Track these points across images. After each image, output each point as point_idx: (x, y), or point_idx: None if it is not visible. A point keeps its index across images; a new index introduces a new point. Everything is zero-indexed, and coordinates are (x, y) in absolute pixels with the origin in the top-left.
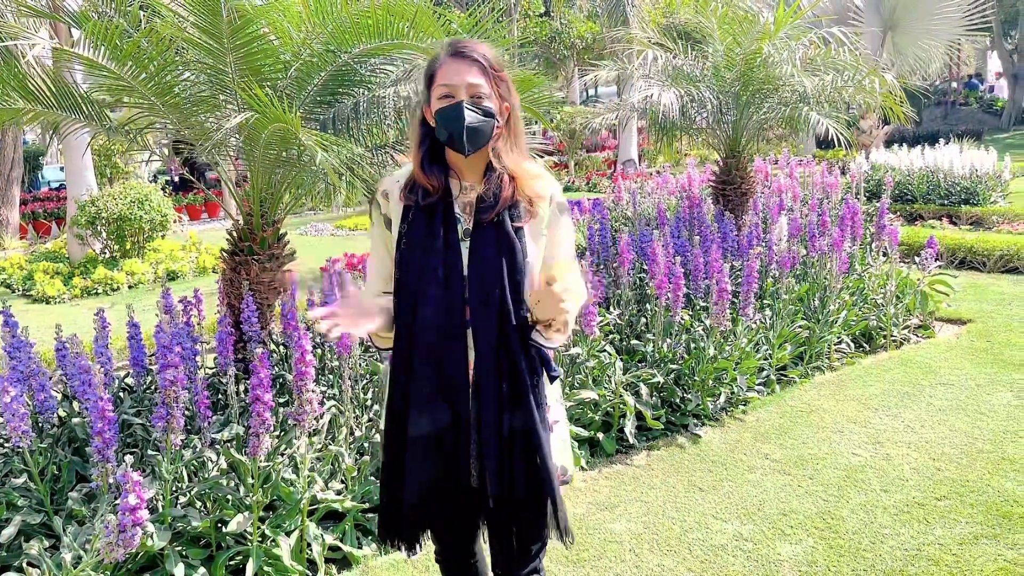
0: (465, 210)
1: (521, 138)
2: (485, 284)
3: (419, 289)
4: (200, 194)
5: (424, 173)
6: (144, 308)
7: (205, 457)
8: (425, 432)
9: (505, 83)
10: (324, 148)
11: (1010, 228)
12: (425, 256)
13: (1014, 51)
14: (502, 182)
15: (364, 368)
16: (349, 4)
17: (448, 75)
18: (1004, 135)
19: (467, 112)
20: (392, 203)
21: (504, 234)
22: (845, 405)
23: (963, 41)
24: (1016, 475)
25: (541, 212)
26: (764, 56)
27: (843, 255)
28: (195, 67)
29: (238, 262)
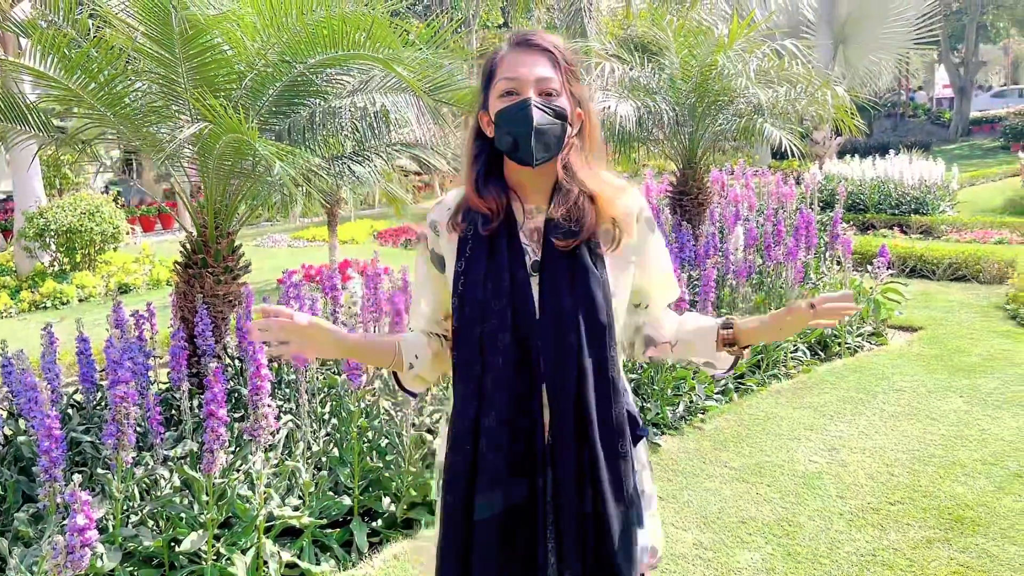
0: (532, 238)
1: (599, 149)
2: (559, 329)
3: (485, 338)
4: (154, 205)
5: (479, 195)
6: (95, 322)
7: (157, 474)
8: (498, 512)
9: (579, 82)
10: (281, 158)
11: (958, 237)
12: (489, 298)
13: (960, 64)
14: (581, 205)
15: (321, 382)
16: (304, 15)
17: (511, 67)
18: (951, 146)
19: (535, 110)
20: (443, 238)
21: (581, 267)
22: (802, 412)
23: (911, 55)
24: (966, 479)
25: (628, 235)
26: (719, 68)
27: (798, 264)
28: (147, 77)
29: (192, 275)
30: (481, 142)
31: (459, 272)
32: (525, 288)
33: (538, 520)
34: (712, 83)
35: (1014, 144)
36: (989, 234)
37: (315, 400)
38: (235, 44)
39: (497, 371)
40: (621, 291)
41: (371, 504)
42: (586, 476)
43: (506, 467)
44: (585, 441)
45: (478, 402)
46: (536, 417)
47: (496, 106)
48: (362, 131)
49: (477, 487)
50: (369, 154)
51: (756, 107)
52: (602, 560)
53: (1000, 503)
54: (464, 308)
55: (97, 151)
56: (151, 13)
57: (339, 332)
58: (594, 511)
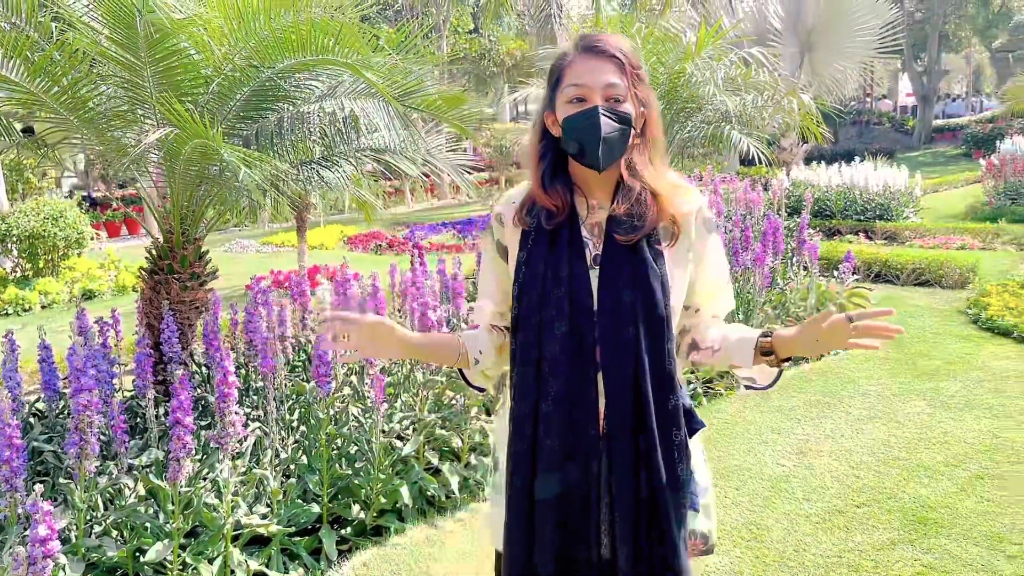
0: (593, 232)
1: (660, 147)
2: (618, 321)
3: (543, 326)
4: (119, 210)
5: (546, 192)
6: (58, 329)
7: (122, 484)
8: (555, 493)
9: (644, 83)
10: (248, 164)
11: (921, 243)
12: (549, 288)
13: (924, 73)
14: (644, 201)
15: (290, 389)
16: (272, 19)
17: (580, 74)
18: (915, 153)
19: (603, 119)
20: (508, 229)
21: (641, 261)
22: (769, 416)
23: (876, 63)
24: (930, 481)
25: (685, 233)
26: (687, 76)
27: (765, 269)
28: (112, 81)
29: (158, 281)
30: (547, 140)
31: (521, 262)
32: (584, 280)
33: (592, 502)
34: (680, 90)
35: (975, 151)
36: (951, 240)
37: (283, 407)
38: (202, 48)
39: (554, 359)
40: (678, 287)
41: (340, 511)
42: (641, 464)
43: (561, 452)
44: (641, 431)
45: (537, 387)
46: (591, 406)
47: (565, 111)
48: (331, 136)
49: (537, 469)
50: (338, 159)
51: (724, 114)
52: (654, 543)
53: (962, 504)
54: (524, 296)
55: (60, 155)
56: (116, 17)
57: (404, 331)
58: (649, 497)
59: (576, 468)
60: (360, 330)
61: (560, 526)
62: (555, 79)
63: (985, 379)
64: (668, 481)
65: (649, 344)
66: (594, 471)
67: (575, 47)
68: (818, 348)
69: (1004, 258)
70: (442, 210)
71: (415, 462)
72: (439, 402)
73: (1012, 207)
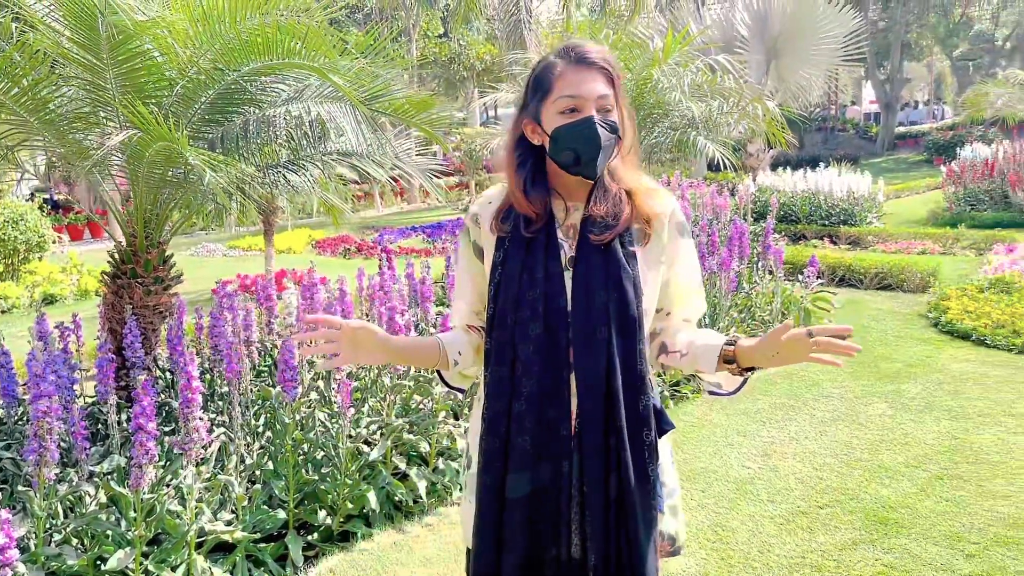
0: (568, 234)
1: (635, 151)
2: (589, 321)
3: (518, 326)
4: (82, 213)
5: (527, 199)
6: (18, 335)
7: (82, 491)
8: (525, 492)
9: (624, 92)
10: (213, 168)
11: (884, 248)
12: (524, 289)
13: (887, 81)
14: (619, 201)
15: (255, 393)
16: (238, 22)
17: (573, 85)
18: (878, 159)
19: (600, 129)
20: (484, 230)
21: (614, 262)
22: (735, 419)
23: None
24: (891, 482)
25: (657, 234)
26: (654, 82)
27: (732, 274)
28: (74, 83)
29: (120, 285)
30: (524, 148)
31: (497, 263)
32: (558, 281)
33: (562, 501)
34: (647, 96)
35: (936, 158)
36: (913, 244)
37: (249, 412)
38: (166, 51)
39: (527, 359)
40: (651, 289)
41: (306, 517)
42: (612, 464)
43: (533, 451)
44: (612, 431)
45: (511, 387)
46: (563, 406)
47: (556, 121)
48: (297, 140)
49: (509, 467)
50: (305, 163)
51: (690, 121)
52: (624, 543)
53: (922, 504)
54: (499, 296)
55: (20, 158)
56: (77, 18)
57: (385, 335)
58: (618, 497)
59: (547, 467)
60: (342, 335)
61: (529, 525)
62: (542, 90)
63: (945, 381)
64: (638, 481)
65: (621, 345)
66: (565, 471)
67: (563, 58)
68: (778, 360)
69: (963, 263)
70: (412, 214)
71: (382, 467)
72: (407, 406)
73: (971, 213)
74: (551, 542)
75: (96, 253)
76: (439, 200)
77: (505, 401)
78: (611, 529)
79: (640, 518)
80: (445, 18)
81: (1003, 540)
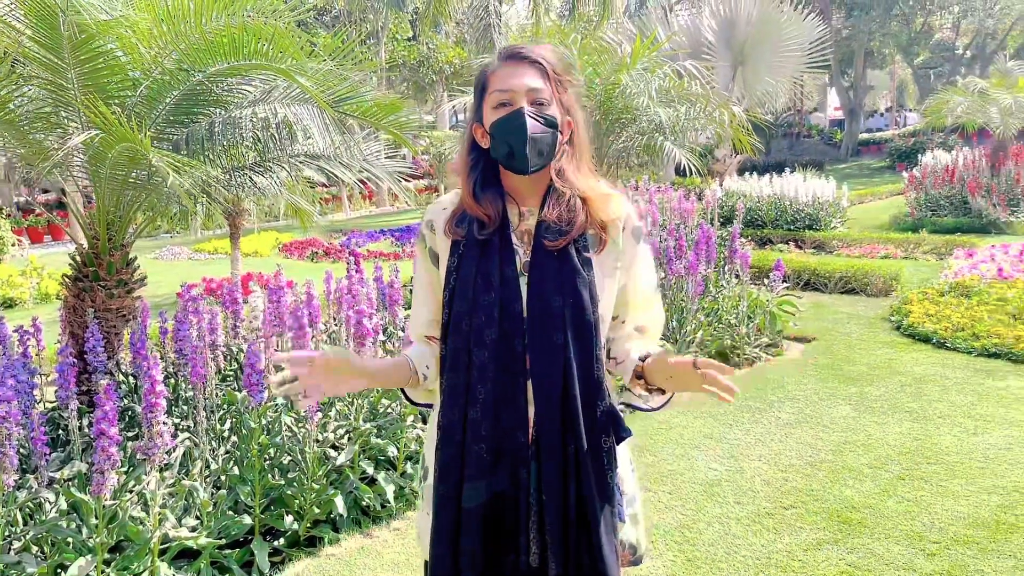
0: (523, 239)
1: (588, 155)
2: (545, 327)
3: (473, 333)
4: (43, 215)
5: (477, 202)
6: None
7: (42, 497)
8: (482, 501)
9: (568, 91)
10: (177, 170)
11: (848, 252)
12: (479, 294)
13: (850, 88)
14: (573, 207)
15: (221, 398)
16: (204, 22)
17: (504, 79)
18: (843, 165)
19: (529, 120)
20: (439, 236)
21: (569, 267)
22: (703, 421)
23: (805, 78)
24: (855, 483)
25: (613, 240)
26: (622, 87)
27: (698, 278)
28: (35, 83)
29: (82, 288)
30: (476, 153)
31: (451, 268)
32: (514, 287)
33: (521, 510)
34: (616, 101)
35: (899, 164)
36: (876, 249)
37: (214, 417)
38: (130, 51)
39: (483, 365)
40: (607, 295)
41: (273, 523)
42: (570, 471)
43: (490, 458)
44: (570, 437)
45: (466, 395)
46: (520, 412)
47: (491, 117)
48: (264, 142)
49: (465, 475)
50: (272, 165)
51: (658, 125)
52: (584, 551)
53: (885, 505)
54: (454, 302)
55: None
56: (39, 17)
57: (360, 360)
58: (577, 504)
59: (505, 475)
60: (317, 368)
61: (487, 534)
62: (480, 90)
63: (907, 384)
64: (597, 488)
65: (578, 350)
66: (523, 478)
67: (498, 57)
68: (673, 384)
69: (925, 267)
70: (380, 217)
71: (350, 471)
72: (374, 411)
73: (932, 218)
74: (510, 551)
75: (57, 256)
76: (408, 203)
77: (460, 408)
78: (571, 537)
79: (601, 526)
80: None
81: (963, 539)
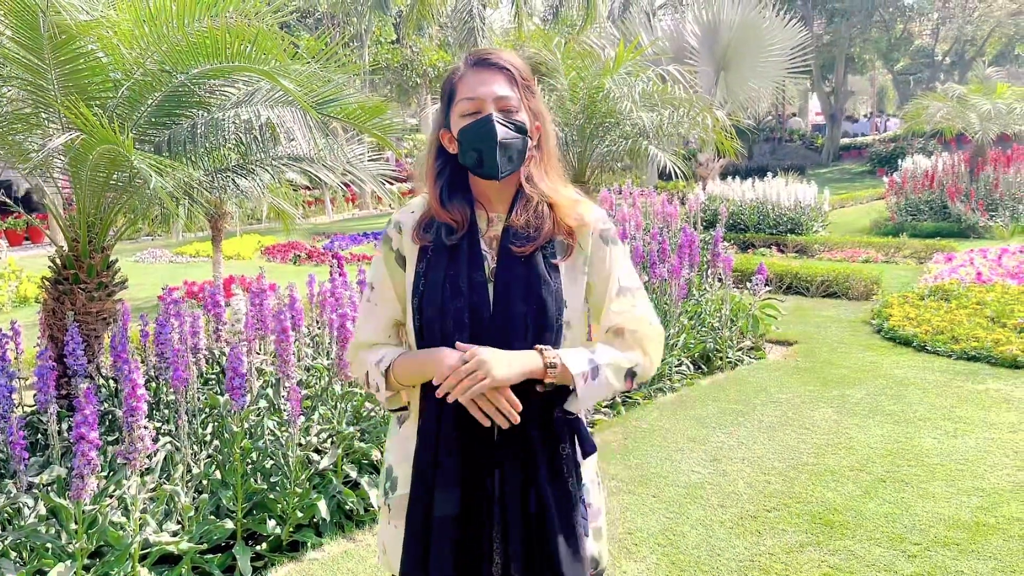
0: (491, 245)
1: (556, 161)
2: (508, 333)
3: (445, 337)
4: (21, 218)
5: (445, 208)
6: None
7: (21, 503)
8: (451, 513)
9: (536, 97)
10: (159, 172)
11: (829, 256)
12: (447, 299)
13: (831, 93)
14: (541, 213)
15: (203, 402)
16: (186, 24)
17: (472, 87)
18: (824, 170)
19: (498, 126)
20: (406, 238)
21: (534, 273)
22: (686, 424)
23: (787, 83)
24: (836, 485)
25: (581, 246)
26: (606, 91)
27: (682, 281)
28: (15, 83)
29: (62, 291)
30: (443, 158)
31: (420, 272)
32: (482, 292)
33: (485, 518)
34: (599, 105)
35: (879, 169)
36: (857, 253)
37: (196, 421)
38: (111, 52)
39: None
40: (574, 301)
41: (255, 527)
42: (529, 479)
43: (460, 466)
44: (531, 444)
45: (438, 403)
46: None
47: (459, 124)
48: (247, 144)
49: (436, 485)
50: (255, 168)
51: (641, 130)
52: (545, 561)
53: (866, 507)
54: (424, 308)
55: None
56: (18, 17)
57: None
58: (537, 513)
59: (474, 483)
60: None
61: (456, 543)
62: (448, 96)
63: (888, 386)
64: (556, 497)
65: None
66: (488, 485)
67: (465, 63)
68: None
69: (905, 271)
70: (364, 220)
71: (333, 476)
72: (358, 414)
73: (912, 222)
74: (476, 560)
75: (36, 259)
76: (391, 206)
77: (434, 417)
78: (532, 546)
79: (560, 538)
80: (398, 24)
81: (943, 541)
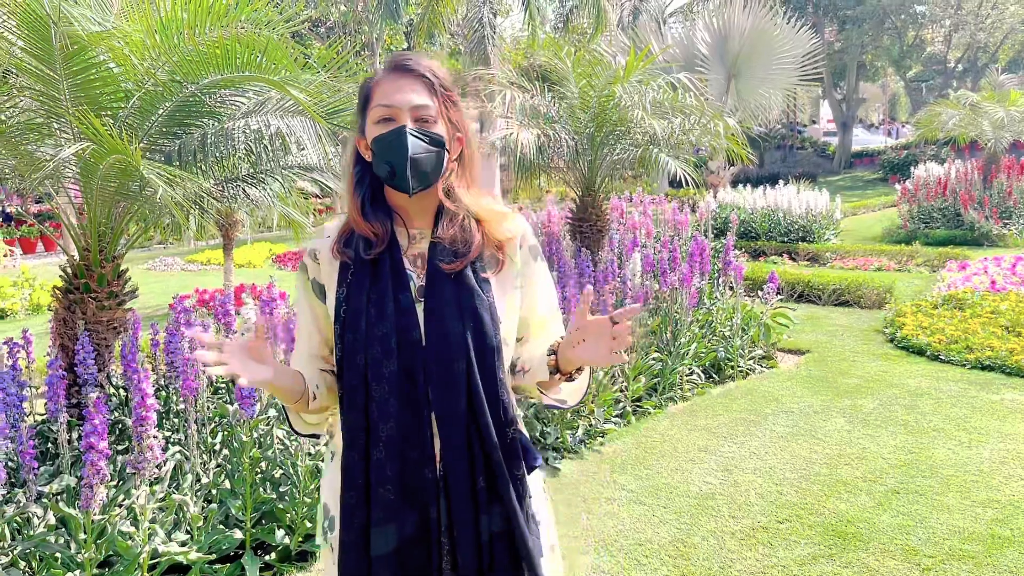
0: (416, 263)
1: (477, 173)
2: (446, 355)
3: (370, 366)
4: (34, 226)
5: (366, 219)
6: None
7: (30, 512)
8: (391, 549)
9: (457, 107)
10: (169, 182)
11: (841, 264)
12: (372, 324)
13: (843, 100)
14: (468, 227)
15: (212, 411)
16: (196, 34)
17: (387, 94)
18: (836, 177)
19: (411, 139)
20: (324, 264)
21: (467, 290)
22: (697, 434)
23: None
24: (849, 496)
25: (511, 259)
26: (616, 99)
27: (692, 289)
28: (27, 93)
29: (73, 300)
30: (361, 166)
31: (340, 299)
32: (410, 314)
33: (432, 551)
34: (610, 113)
35: (891, 176)
36: (869, 261)
37: (205, 430)
38: (122, 62)
39: (383, 401)
40: (508, 316)
41: (264, 537)
42: (482, 504)
43: (398, 500)
44: (479, 469)
45: (366, 434)
46: (426, 447)
47: (372, 132)
48: (257, 153)
49: (372, 521)
50: (265, 177)
51: (652, 137)
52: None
53: (879, 519)
54: (347, 335)
55: None
56: (31, 28)
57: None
58: (490, 540)
59: (413, 516)
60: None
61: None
62: (363, 100)
63: (900, 396)
64: (511, 520)
65: (482, 377)
66: (433, 517)
67: (385, 67)
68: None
69: (918, 279)
70: None
71: None
72: None
73: (925, 230)
74: None
75: (49, 267)
76: None
77: (361, 449)
78: (486, 573)
79: (520, 558)
80: (409, 33)
81: (958, 554)
